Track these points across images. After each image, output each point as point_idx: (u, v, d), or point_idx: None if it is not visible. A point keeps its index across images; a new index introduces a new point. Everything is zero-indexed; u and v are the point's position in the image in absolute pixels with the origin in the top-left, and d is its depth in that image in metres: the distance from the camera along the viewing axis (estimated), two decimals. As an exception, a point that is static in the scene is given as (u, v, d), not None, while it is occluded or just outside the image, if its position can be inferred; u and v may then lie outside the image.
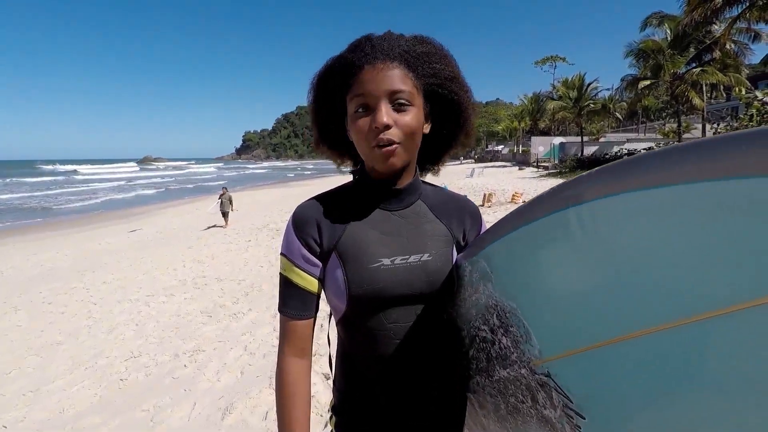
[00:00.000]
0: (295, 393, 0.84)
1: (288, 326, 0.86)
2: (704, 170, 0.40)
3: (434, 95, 0.84)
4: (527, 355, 0.72)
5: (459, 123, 0.90)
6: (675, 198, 0.43)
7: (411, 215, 0.89)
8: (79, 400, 3.58)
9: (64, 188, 39.30)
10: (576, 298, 0.60)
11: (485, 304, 0.83)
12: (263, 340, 4.30)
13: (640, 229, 0.48)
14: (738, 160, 0.37)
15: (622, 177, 0.49)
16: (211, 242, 10.68)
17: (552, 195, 0.62)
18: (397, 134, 0.77)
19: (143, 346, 4.60)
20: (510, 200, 12.34)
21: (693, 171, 0.41)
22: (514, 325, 0.74)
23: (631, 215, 0.49)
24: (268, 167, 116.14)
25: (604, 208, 0.52)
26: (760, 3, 13.84)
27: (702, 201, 0.41)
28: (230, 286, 6.54)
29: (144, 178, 58.34)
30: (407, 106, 0.77)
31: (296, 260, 0.85)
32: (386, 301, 0.83)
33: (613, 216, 0.51)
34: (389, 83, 0.76)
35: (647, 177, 0.46)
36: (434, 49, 0.83)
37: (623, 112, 29.95)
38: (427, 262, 0.86)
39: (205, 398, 3.33)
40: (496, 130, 59.13)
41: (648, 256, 0.48)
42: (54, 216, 20.83)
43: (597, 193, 0.53)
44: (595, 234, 0.55)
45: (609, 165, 0.52)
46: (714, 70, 18.13)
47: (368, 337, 0.86)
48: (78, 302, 6.48)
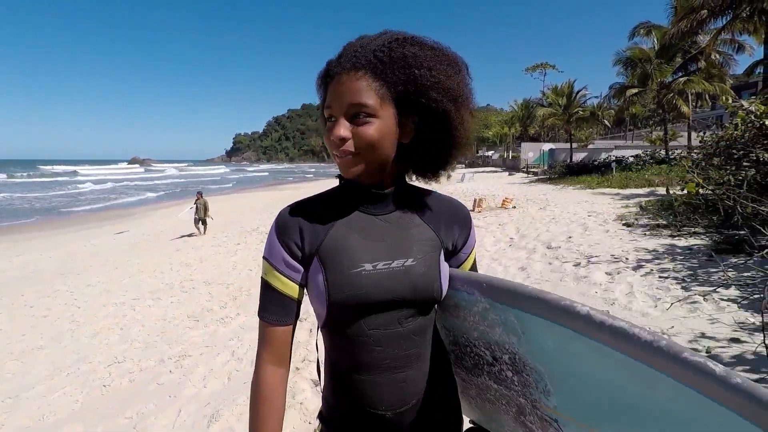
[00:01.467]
0: (271, 403, 0.84)
1: (267, 332, 0.86)
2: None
3: (413, 103, 0.79)
4: (536, 397, 0.76)
5: (444, 132, 0.83)
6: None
7: (396, 220, 0.88)
8: (60, 406, 3.49)
9: (65, 190, 38.56)
10: (609, 403, 0.67)
11: (497, 342, 0.83)
12: (251, 346, 4.24)
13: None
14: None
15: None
16: (199, 245, 10.56)
17: (610, 326, 0.65)
18: (352, 146, 0.78)
19: (128, 351, 4.51)
20: (500, 206, 12.39)
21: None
22: (531, 376, 0.77)
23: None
24: (268, 170, 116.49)
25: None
26: (743, 15, 14.16)
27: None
28: (218, 290, 6.46)
29: (146, 179, 57.88)
30: (368, 118, 0.76)
31: (277, 265, 0.84)
32: (367, 307, 0.82)
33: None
34: (349, 97, 0.76)
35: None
36: (419, 51, 0.77)
37: (611, 120, 30.35)
38: (411, 267, 0.84)
39: (190, 405, 3.27)
40: (486, 135, 59.48)
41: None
42: (41, 216, 20.44)
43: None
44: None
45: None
46: (700, 80, 18.49)
47: (349, 344, 0.85)
48: (61, 305, 6.35)
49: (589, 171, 21.73)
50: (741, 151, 5.91)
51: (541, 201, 13.07)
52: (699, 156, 6.85)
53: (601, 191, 14.24)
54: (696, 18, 14.46)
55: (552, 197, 13.90)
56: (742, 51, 19.21)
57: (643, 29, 21.13)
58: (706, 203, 6.59)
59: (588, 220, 8.52)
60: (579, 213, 9.57)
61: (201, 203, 12.77)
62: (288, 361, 0.88)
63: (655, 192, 12.26)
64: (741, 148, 5.95)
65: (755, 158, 5.62)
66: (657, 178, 15.15)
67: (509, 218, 10.00)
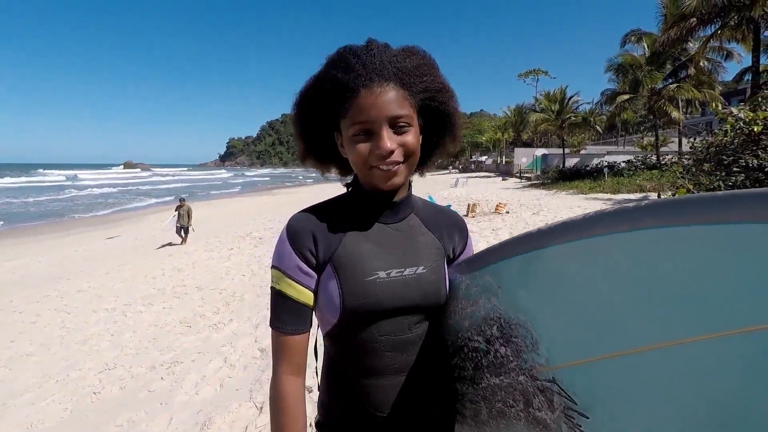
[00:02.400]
0: (295, 415, 0.82)
1: (283, 342, 0.84)
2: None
3: (426, 108, 0.85)
4: (530, 363, 0.76)
5: (448, 130, 0.91)
6: (658, 238, 0.52)
7: (405, 228, 0.90)
8: (49, 414, 3.44)
9: (68, 194, 38.12)
10: (588, 314, 0.64)
11: (484, 317, 0.85)
12: (244, 352, 4.21)
13: (644, 262, 0.55)
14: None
15: (638, 217, 0.56)
16: (192, 250, 10.49)
17: (576, 224, 0.66)
18: (400, 155, 0.79)
19: (118, 357, 4.46)
20: (494, 210, 12.44)
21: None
22: (519, 336, 0.78)
23: (637, 250, 0.56)
24: (267, 174, 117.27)
25: (616, 242, 0.58)
26: (731, 24, 14.40)
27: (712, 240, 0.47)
28: (211, 296, 6.41)
29: (149, 183, 57.43)
30: (407, 127, 0.79)
31: (291, 272, 0.83)
32: (380, 314, 0.84)
33: (623, 250, 0.58)
34: (389, 109, 0.76)
35: (659, 218, 0.53)
36: (422, 60, 0.83)
37: (603, 125, 30.65)
38: (422, 275, 0.87)
39: (182, 412, 3.23)
40: (480, 141, 59.83)
41: (657, 282, 0.53)
42: (32, 220, 20.21)
43: (617, 228, 0.59)
44: (606, 265, 0.61)
45: (634, 207, 0.58)
46: (689, 87, 18.76)
47: (359, 350, 0.86)
48: (51, 311, 6.27)
49: (581, 176, 21.91)
50: (731, 157, 5.99)
51: (534, 206, 13.14)
52: (690, 162, 6.93)
53: (593, 196, 14.35)
54: (685, 26, 14.68)
55: (545, 202, 13.98)
56: (730, 58, 19.58)
57: (634, 36, 21.45)
58: (696, 208, 6.64)
59: (581, 225, 8.56)
60: (572, 218, 9.62)
61: (184, 210, 11.93)
62: (304, 370, 0.87)
63: (647, 197, 12.38)
64: (731, 154, 6.03)
65: (744, 164, 5.69)
66: (648, 184, 15.32)
67: (503, 223, 10.04)
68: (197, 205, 16.45)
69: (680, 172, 6.62)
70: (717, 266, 0.47)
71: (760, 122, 5.79)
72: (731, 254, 0.45)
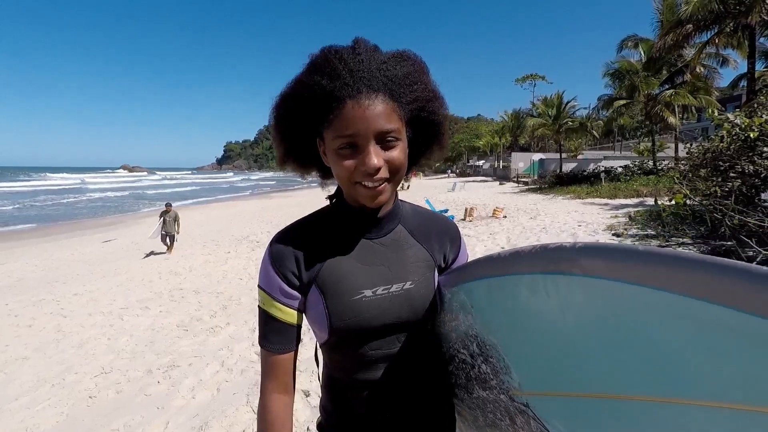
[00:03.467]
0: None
1: (270, 361, 0.84)
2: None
3: (416, 118, 0.81)
4: (506, 384, 0.75)
5: (436, 139, 0.88)
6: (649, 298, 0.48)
7: (391, 242, 0.87)
8: (44, 418, 3.41)
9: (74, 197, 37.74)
10: (557, 348, 0.62)
11: (465, 332, 0.85)
12: (241, 356, 4.19)
13: (624, 312, 0.52)
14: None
15: (613, 265, 0.53)
16: (189, 253, 10.45)
17: (535, 254, 0.64)
18: (386, 172, 0.74)
19: (115, 361, 4.43)
20: (491, 215, 12.45)
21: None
22: (493, 356, 0.77)
23: (618, 298, 0.52)
24: (271, 177, 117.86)
25: (591, 285, 0.55)
26: (727, 30, 14.51)
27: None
28: (208, 299, 6.39)
29: (158, 187, 56.83)
30: (395, 142, 0.74)
31: (275, 294, 0.82)
32: (369, 331, 0.83)
33: (599, 293, 0.54)
34: (377, 123, 0.71)
35: (637, 273, 0.49)
36: (413, 66, 0.79)
37: (600, 131, 30.81)
38: (410, 290, 0.85)
39: (179, 417, 3.21)
40: (477, 145, 59.94)
41: (630, 334, 0.51)
42: (27, 223, 20.11)
43: (586, 271, 0.55)
44: (573, 303, 0.58)
45: (600, 247, 0.55)
46: (685, 93, 18.86)
47: (349, 364, 0.86)
48: (47, 315, 6.23)
49: (578, 181, 21.96)
50: (727, 163, 6.02)
51: (531, 210, 13.16)
52: (686, 167, 6.95)
53: (590, 201, 14.39)
54: (682, 32, 14.77)
55: (542, 207, 14.01)
56: (726, 64, 19.70)
57: (630, 42, 21.55)
58: (693, 214, 6.68)
59: (578, 230, 8.60)
60: (569, 223, 9.66)
61: (171, 216, 10.92)
62: (293, 387, 0.87)
63: (643, 202, 12.42)
64: (727, 159, 6.06)
65: (741, 170, 5.72)
66: (645, 189, 15.36)
67: (500, 227, 10.05)
68: (201, 209, 16.31)
69: (677, 178, 6.64)
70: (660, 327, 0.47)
71: (756, 128, 5.83)
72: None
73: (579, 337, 0.58)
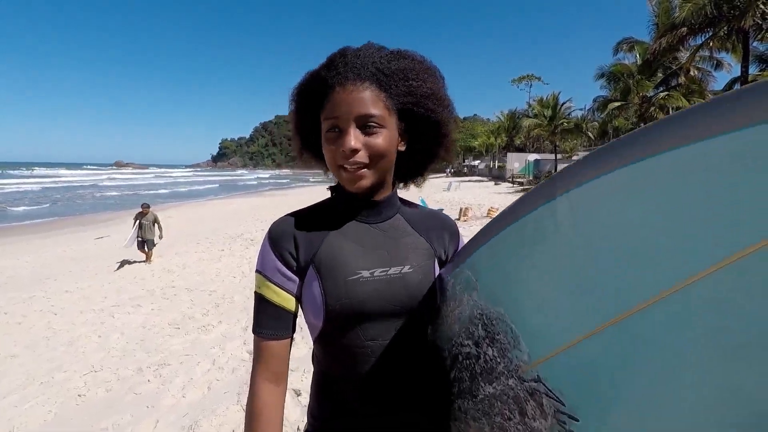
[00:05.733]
0: (268, 423, 0.80)
1: (262, 347, 0.82)
2: (678, 138, 0.44)
3: (410, 113, 0.82)
4: (515, 362, 0.74)
5: (437, 139, 0.88)
6: (643, 171, 0.46)
7: (390, 228, 0.88)
8: (32, 417, 3.38)
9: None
10: (560, 291, 0.62)
11: (469, 316, 0.84)
12: (233, 354, 4.17)
13: (613, 209, 0.51)
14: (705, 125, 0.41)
15: (594, 164, 0.53)
16: (182, 251, 10.40)
17: (531, 194, 0.65)
18: (364, 157, 0.77)
19: (105, 359, 4.40)
20: (486, 215, 12.50)
21: (674, 139, 0.45)
22: (501, 332, 0.76)
23: (604, 197, 0.52)
24: (273, 175, 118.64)
25: (579, 195, 0.55)
26: (721, 34, 14.63)
27: (671, 168, 0.44)
28: (200, 297, 6.36)
29: (162, 185, 53.60)
30: (377, 128, 0.77)
31: (272, 276, 0.82)
32: (365, 316, 0.81)
33: (588, 201, 0.55)
34: (358, 107, 0.75)
35: (622, 156, 0.48)
36: (412, 64, 0.82)
37: (595, 132, 30.91)
38: (408, 275, 0.85)
39: (169, 415, 3.19)
40: (473, 145, 60.13)
41: (624, 233, 0.50)
42: (16, 220, 19.92)
43: (572, 183, 0.56)
44: (573, 223, 0.58)
45: (582, 157, 0.56)
46: (679, 95, 19.00)
47: (345, 355, 0.84)
48: (37, 312, 6.17)
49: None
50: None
51: (526, 211, 13.19)
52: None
53: (584, 202, 14.43)
54: (676, 35, 14.89)
55: (537, 207, 14.05)
56: (720, 68, 19.86)
57: (626, 44, 21.68)
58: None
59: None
60: (563, 223, 9.68)
61: (149, 219, 9.32)
62: (285, 378, 0.85)
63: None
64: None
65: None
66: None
67: (495, 228, 10.07)
68: (196, 207, 16.17)
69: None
70: (685, 195, 0.42)
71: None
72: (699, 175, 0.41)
73: (582, 263, 0.55)
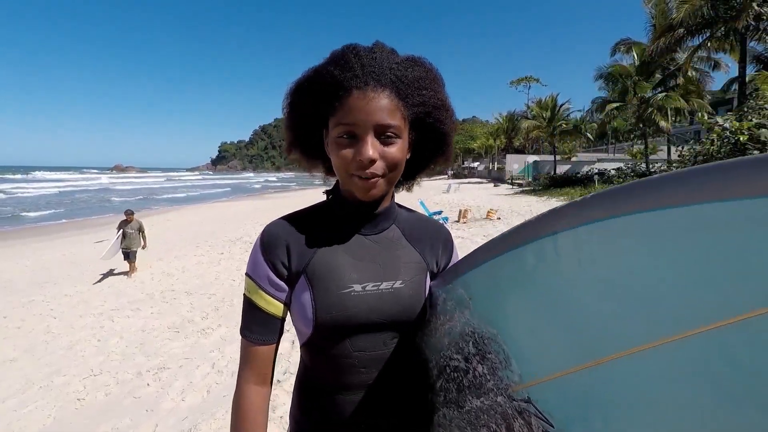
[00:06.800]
0: (253, 423, 0.81)
1: (249, 351, 0.83)
2: (697, 194, 0.42)
3: (420, 122, 0.82)
4: (506, 381, 0.73)
5: (441, 148, 0.89)
6: (658, 221, 0.45)
7: (384, 241, 0.87)
8: (31, 421, 3.37)
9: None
10: (558, 325, 0.61)
11: (460, 332, 0.82)
12: (232, 357, 4.17)
13: (622, 253, 0.50)
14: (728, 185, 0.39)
15: (610, 204, 0.51)
16: (182, 254, 10.39)
17: (536, 222, 0.63)
18: (381, 167, 0.75)
19: (104, 363, 4.39)
20: (485, 216, 12.49)
21: (684, 195, 0.43)
22: (492, 351, 0.75)
23: (613, 240, 0.50)
24: (276, 177, 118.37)
25: (588, 233, 0.54)
26: (719, 35, 14.67)
27: (687, 222, 0.42)
28: (200, 301, 6.36)
29: (171, 189, 52.93)
30: (395, 138, 0.75)
31: (261, 283, 0.82)
32: (354, 328, 0.81)
33: (597, 241, 0.53)
34: (379, 116, 0.73)
35: (633, 202, 0.47)
36: (424, 73, 0.80)
37: (594, 133, 30.98)
38: (399, 290, 0.84)
39: (168, 419, 3.19)
40: (472, 147, 60.20)
41: (630, 278, 0.49)
42: (17, 224, 19.90)
43: (580, 220, 0.54)
44: (577, 260, 0.57)
45: (598, 193, 0.53)
46: (677, 96, 19.03)
47: (332, 365, 0.83)
48: (36, 316, 6.16)
49: (572, 183, 22.13)
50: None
51: (525, 213, 13.22)
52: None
53: (583, 203, 14.43)
54: (674, 36, 14.92)
55: (536, 209, 14.07)
56: (718, 68, 19.89)
57: (623, 46, 21.71)
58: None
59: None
60: (562, 224, 9.68)
61: (133, 227, 8.65)
62: (270, 379, 0.86)
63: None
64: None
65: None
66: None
67: (494, 229, 10.08)
68: (195, 210, 16.15)
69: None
70: (697, 252, 0.41)
71: (746, 132, 5.90)
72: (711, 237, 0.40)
73: (597, 288, 0.54)
